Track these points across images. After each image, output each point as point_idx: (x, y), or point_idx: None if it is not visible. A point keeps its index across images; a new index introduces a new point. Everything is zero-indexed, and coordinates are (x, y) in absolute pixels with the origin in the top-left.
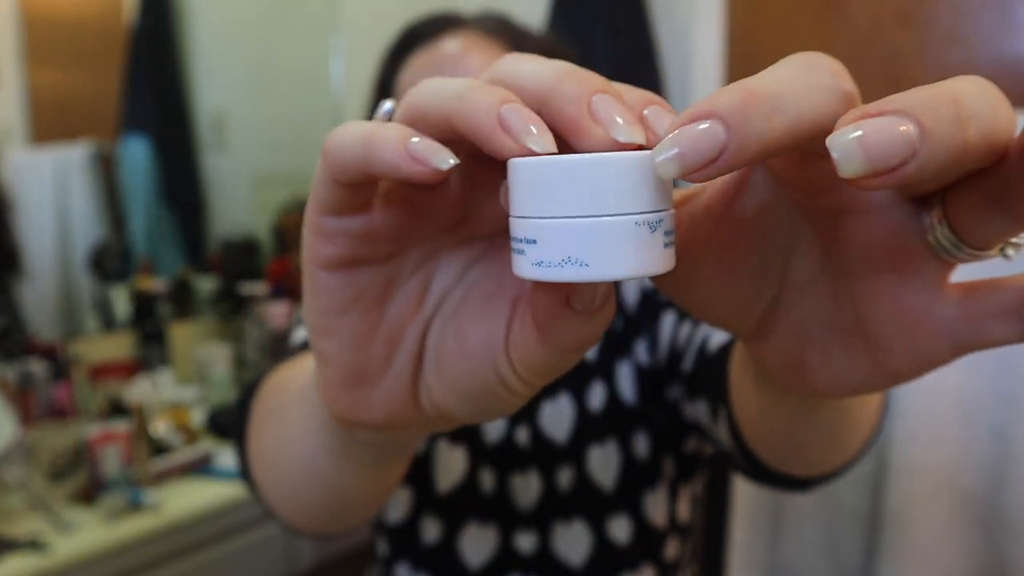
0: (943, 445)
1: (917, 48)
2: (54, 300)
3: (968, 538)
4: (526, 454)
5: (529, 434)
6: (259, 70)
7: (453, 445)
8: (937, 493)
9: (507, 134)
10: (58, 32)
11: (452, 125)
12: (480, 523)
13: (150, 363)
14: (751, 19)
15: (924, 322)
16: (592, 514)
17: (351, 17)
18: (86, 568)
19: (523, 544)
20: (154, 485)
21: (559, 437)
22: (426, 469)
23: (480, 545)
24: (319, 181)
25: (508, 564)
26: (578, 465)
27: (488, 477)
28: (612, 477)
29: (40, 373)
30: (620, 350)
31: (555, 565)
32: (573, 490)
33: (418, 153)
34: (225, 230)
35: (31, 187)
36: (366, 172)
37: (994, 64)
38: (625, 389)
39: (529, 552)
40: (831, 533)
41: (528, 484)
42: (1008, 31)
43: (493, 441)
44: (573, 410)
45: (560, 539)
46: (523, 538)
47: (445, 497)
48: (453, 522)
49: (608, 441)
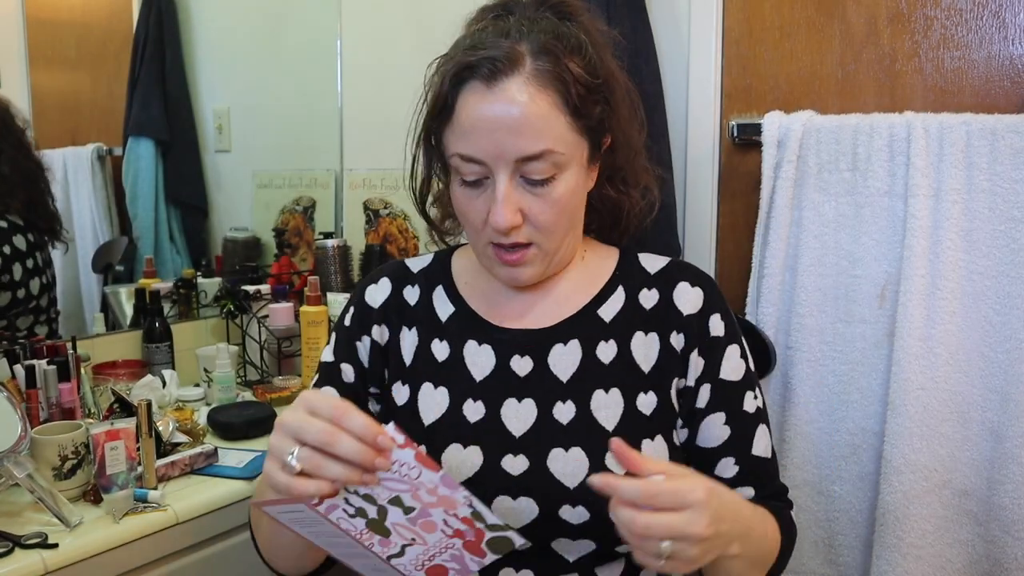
0: (938, 442)
1: (912, 50)
2: (60, 300)
3: (963, 534)
4: (527, 385)
5: (532, 365)
6: (262, 72)
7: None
8: (932, 490)
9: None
10: (62, 34)
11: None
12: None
13: (155, 362)
14: (749, 21)
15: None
16: (591, 448)
17: (352, 20)
18: (93, 565)
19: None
20: (159, 483)
21: (563, 376)
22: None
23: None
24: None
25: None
26: (579, 404)
27: (474, 407)
28: (613, 421)
29: (47, 372)
30: (647, 327)
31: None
32: (571, 423)
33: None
34: (228, 231)
35: None
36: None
37: (987, 67)
38: (639, 355)
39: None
40: (828, 529)
41: (524, 412)
42: (1001, 34)
43: (488, 371)
44: (580, 356)
45: (554, 462)
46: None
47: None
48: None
49: (612, 390)
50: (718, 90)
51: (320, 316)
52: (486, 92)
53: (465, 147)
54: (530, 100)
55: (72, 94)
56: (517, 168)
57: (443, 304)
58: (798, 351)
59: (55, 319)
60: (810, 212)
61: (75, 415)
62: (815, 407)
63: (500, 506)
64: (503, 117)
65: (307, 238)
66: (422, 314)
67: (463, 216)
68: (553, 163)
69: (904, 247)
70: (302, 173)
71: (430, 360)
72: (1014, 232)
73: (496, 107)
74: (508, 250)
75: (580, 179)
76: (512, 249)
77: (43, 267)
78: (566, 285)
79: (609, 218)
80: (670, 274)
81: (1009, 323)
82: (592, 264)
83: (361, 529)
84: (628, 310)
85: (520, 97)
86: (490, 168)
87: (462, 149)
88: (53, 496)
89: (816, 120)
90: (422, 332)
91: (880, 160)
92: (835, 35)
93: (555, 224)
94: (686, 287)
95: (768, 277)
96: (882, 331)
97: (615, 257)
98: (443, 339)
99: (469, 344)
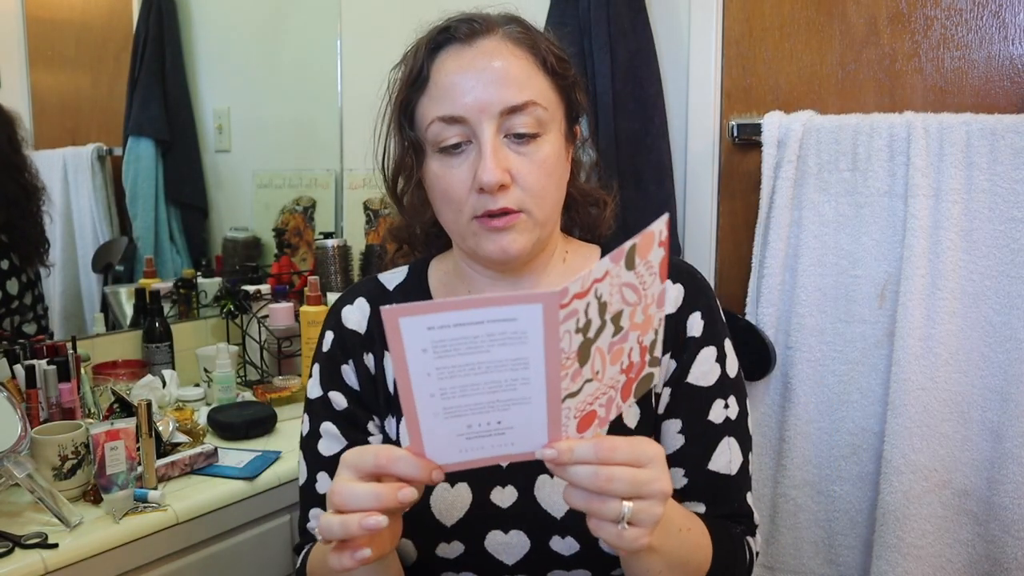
0: (938, 442)
1: (912, 50)
2: (60, 300)
3: (963, 534)
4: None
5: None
6: (262, 72)
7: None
8: (932, 490)
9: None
10: (62, 34)
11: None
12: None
13: (155, 362)
14: (749, 21)
15: None
16: None
17: (351, 20)
18: (93, 565)
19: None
20: (159, 483)
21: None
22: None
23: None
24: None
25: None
26: None
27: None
28: None
29: (47, 372)
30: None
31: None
32: None
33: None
34: (228, 231)
35: None
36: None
37: (987, 67)
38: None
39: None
40: (828, 529)
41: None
42: (1001, 34)
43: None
44: None
45: (541, 491)
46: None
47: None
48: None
49: None
50: (718, 90)
51: (320, 316)
52: (465, 49)
53: (445, 107)
54: (511, 53)
55: (72, 94)
56: (501, 123)
57: None
58: (798, 351)
59: (44, 316)
60: (810, 212)
61: (75, 415)
62: (815, 407)
63: (493, 541)
64: (485, 70)
65: (307, 238)
66: None
67: (443, 194)
68: (536, 118)
69: (904, 247)
70: (302, 173)
71: None
72: (1014, 232)
73: (478, 60)
74: (497, 216)
75: (561, 148)
76: (501, 215)
77: (21, 266)
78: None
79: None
80: None
81: (1009, 323)
82: (574, 266)
83: (573, 351)
84: None
85: (501, 51)
86: (473, 126)
87: (442, 111)
88: (53, 496)
89: (816, 120)
90: None
91: (880, 160)
92: (835, 35)
93: (544, 188)
94: (667, 284)
95: (768, 277)
96: (882, 331)
97: (596, 256)
98: None
99: None
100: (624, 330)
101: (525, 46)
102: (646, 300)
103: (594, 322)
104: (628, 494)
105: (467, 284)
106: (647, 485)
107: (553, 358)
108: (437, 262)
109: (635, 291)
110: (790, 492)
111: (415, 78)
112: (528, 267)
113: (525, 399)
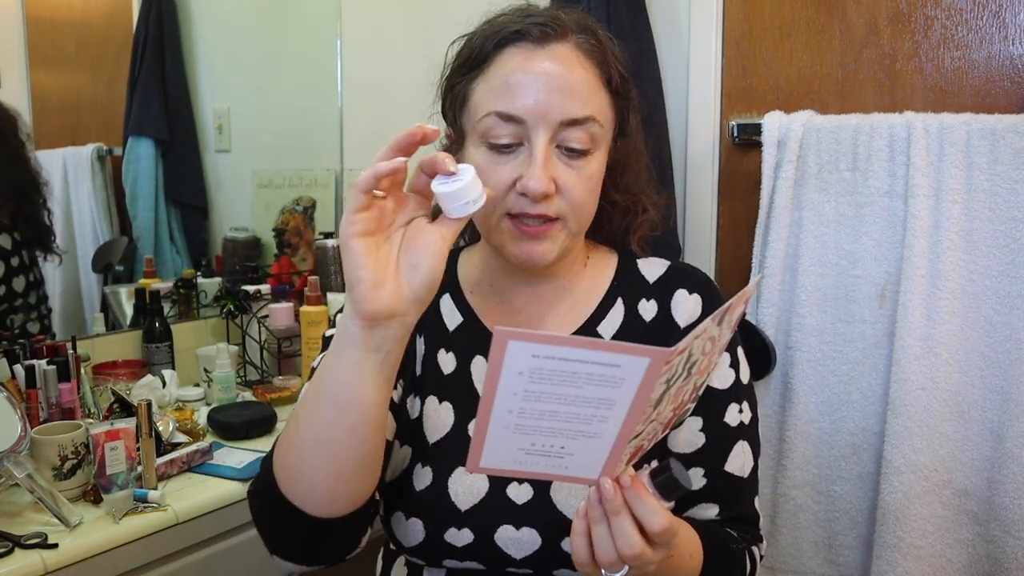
0: (938, 442)
1: (912, 50)
2: (60, 300)
3: (963, 534)
4: None
5: None
6: (262, 72)
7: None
8: (932, 490)
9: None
10: (62, 34)
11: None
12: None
13: (155, 362)
14: (749, 21)
15: None
16: None
17: (351, 19)
18: (92, 565)
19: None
20: (159, 483)
21: None
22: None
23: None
24: (353, 197)
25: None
26: None
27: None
28: None
29: (47, 372)
30: (646, 342)
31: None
32: None
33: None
34: (228, 231)
35: None
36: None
37: (987, 67)
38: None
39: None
40: (828, 529)
41: None
42: (1001, 34)
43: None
44: None
45: (557, 491)
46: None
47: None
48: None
49: None
50: (718, 90)
51: (320, 316)
52: (536, 50)
53: (505, 104)
54: (579, 65)
55: (72, 94)
56: (557, 132)
57: (451, 312)
58: (798, 351)
59: (47, 316)
60: (810, 212)
61: (75, 415)
62: (815, 407)
63: (503, 535)
64: (554, 75)
65: (307, 238)
66: (429, 320)
67: None
68: (591, 135)
69: (904, 247)
70: (302, 173)
71: (436, 371)
72: (1014, 232)
73: (547, 64)
74: (532, 221)
75: (604, 163)
76: (538, 220)
77: (29, 265)
78: (570, 295)
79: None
80: (668, 282)
81: (1009, 323)
82: (595, 270)
83: (654, 399)
84: (627, 325)
85: (571, 60)
86: (528, 129)
87: (501, 106)
88: (53, 496)
89: (816, 120)
90: (429, 339)
91: (880, 160)
92: (835, 35)
93: (585, 202)
94: (684, 295)
95: (768, 277)
96: (882, 331)
97: (614, 263)
98: (449, 350)
99: (477, 360)
100: (691, 376)
101: (595, 60)
102: (716, 350)
103: (679, 374)
104: (629, 559)
105: (490, 279)
106: (646, 565)
107: (639, 407)
108: (466, 254)
109: (713, 343)
110: (790, 492)
111: (473, 63)
112: (550, 269)
113: (596, 434)
